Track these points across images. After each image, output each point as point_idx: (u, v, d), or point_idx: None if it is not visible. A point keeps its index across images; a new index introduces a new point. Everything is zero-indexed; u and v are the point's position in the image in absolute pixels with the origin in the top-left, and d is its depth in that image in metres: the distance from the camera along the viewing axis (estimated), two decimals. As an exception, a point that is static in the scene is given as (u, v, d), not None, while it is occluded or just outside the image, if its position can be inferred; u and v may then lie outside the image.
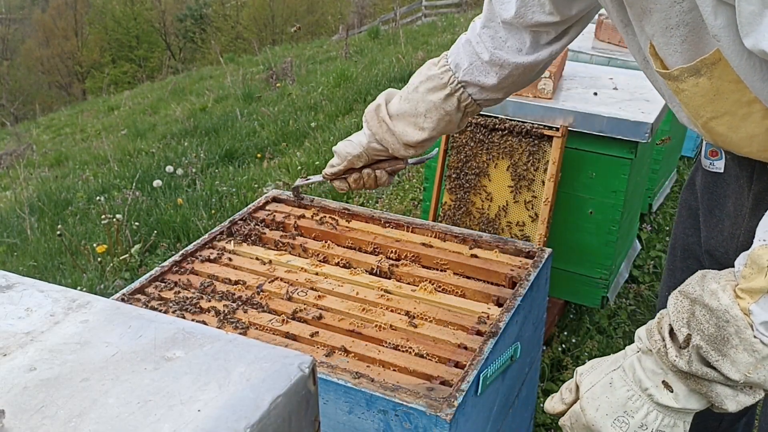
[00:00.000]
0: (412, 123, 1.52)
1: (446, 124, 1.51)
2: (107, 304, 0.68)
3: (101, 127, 9.24)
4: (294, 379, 0.57)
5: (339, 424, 1.24)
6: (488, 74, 1.42)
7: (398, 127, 1.53)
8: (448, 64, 1.47)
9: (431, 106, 1.49)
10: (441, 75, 1.47)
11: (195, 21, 30.59)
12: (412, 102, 1.51)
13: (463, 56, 1.44)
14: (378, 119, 1.57)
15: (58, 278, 3.58)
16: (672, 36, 1.00)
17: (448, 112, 1.49)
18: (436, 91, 1.48)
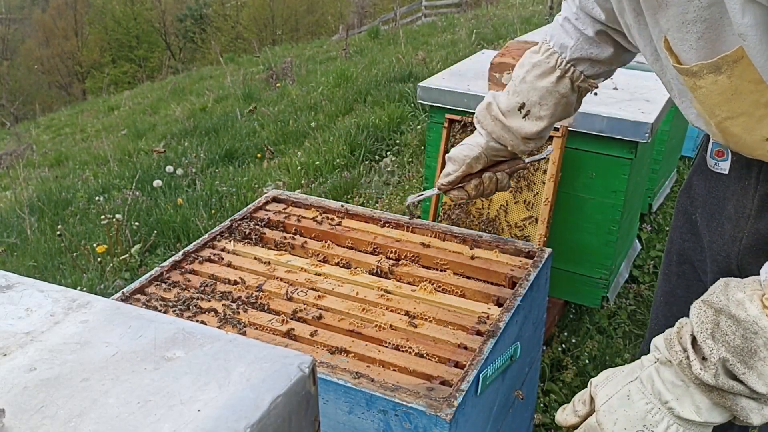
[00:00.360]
0: (527, 115, 1.46)
1: (564, 107, 1.45)
2: (107, 304, 0.68)
3: (101, 127, 9.24)
4: (294, 379, 0.57)
5: (339, 424, 1.24)
6: (598, 46, 1.37)
7: (514, 123, 1.47)
8: (552, 48, 1.41)
9: (544, 92, 1.42)
10: (547, 59, 1.41)
11: (195, 21, 30.59)
12: (522, 93, 1.45)
13: (565, 36, 1.39)
14: (491, 118, 1.50)
15: (58, 278, 3.58)
16: (688, 32, 0.97)
17: (564, 95, 1.43)
18: (546, 76, 1.41)
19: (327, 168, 4.63)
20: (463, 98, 2.35)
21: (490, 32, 8.88)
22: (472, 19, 11.52)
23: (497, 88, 2.32)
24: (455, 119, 2.34)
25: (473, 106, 2.33)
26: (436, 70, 5.54)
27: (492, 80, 2.33)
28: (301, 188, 4.36)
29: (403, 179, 4.35)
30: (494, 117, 1.49)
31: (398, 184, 4.30)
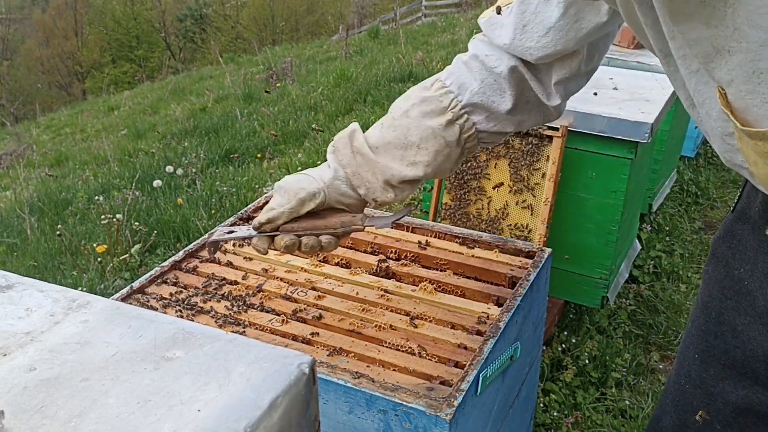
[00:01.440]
0: (399, 156, 1.20)
1: (443, 159, 1.22)
2: (107, 304, 0.68)
3: (101, 127, 9.24)
4: (294, 379, 0.57)
5: (339, 424, 1.24)
6: (503, 94, 1.20)
7: (382, 160, 1.21)
8: (448, 86, 1.22)
9: (429, 133, 1.19)
10: (440, 98, 1.21)
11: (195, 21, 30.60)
12: (401, 129, 1.20)
13: (468, 76, 1.21)
14: (352, 149, 1.22)
15: (58, 278, 3.58)
16: (761, 83, 0.80)
17: (449, 144, 1.21)
18: (435, 116, 1.20)
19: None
20: (463, 98, 2.35)
21: (490, 32, 8.85)
22: (472, 19, 11.52)
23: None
24: (455, 119, 2.34)
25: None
26: (436, 70, 5.53)
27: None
28: (301, 188, 4.35)
29: (403, 179, 4.34)
30: (356, 150, 1.22)
31: (398, 184, 4.30)
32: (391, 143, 1.20)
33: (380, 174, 1.21)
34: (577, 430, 2.24)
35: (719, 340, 1.14)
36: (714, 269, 1.18)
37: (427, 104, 1.21)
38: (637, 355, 2.56)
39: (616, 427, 2.25)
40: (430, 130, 1.19)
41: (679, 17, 0.82)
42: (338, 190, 1.23)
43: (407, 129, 1.20)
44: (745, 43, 0.78)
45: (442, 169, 1.24)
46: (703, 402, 1.18)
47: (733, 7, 0.76)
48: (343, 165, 1.23)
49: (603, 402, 2.36)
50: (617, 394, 2.38)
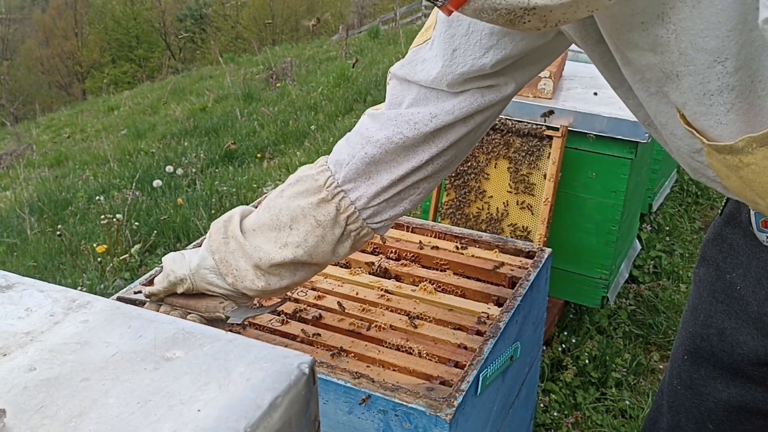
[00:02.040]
0: (273, 238, 1.13)
1: (317, 241, 1.12)
2: (107, 304, 0.68)
3: (101, 127, 9.24)
4: (294, 379, 0.57)
5: (339, 424, 1.24)
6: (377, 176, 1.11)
7: (254, 242, 1.13)
8: (327, 164, 1.15)
9: (298, 213, 1.12)
10: (316, 176, 1.14)
11: (195, 21, 30.61)
12: (274, 210, 1.14)
13: (346, 149, 1.13)
14: (225, 234, 1.14)
15: (58, 278, 3.58)
16: (713, 104, 0.81)
17: (321, 225, 1.12)
18: (308, 196, 1.13)
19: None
20: (463, 98, 2.35)
21: (490, 32, 8.85)
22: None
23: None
24: (455, 119, 2.34)
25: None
26: (436, 70, 5.53)
27: (492, 80, 2.33)
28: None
29: (403, 179, 4.34)
30: (229, 235, 1.14)
31: (398, 184, 4.30)
32: (265, 224, 1.14)
33: (249, 258, 1.13)
34: (577, 430, 2.24)
35: (706, 342, 1.15)
36: (705, 272, 1.17)
37: (302, 183, 1.15)
38: (637, 355, 2.56)
39: (616, 427, 2.25)
40: (300, 209, 1.12)
41: (627, 46, 0.83)
42: (205, 279, 1.16)
43: (279, 209, 1.14)
44: (692, 66, 0.79)
45: (318, 252, 1.14)
46: (693, 402, 1.19)
47: (675, 33, 0.77)
48: (213, 251, 1.15)
49: (603, 402, 2.36)
50: (617, 394, 2.38)
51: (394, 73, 1.12)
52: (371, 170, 1.11)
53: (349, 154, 1.12)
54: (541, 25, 0.73)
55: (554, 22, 0.73)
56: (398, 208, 1.16)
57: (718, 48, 0.76)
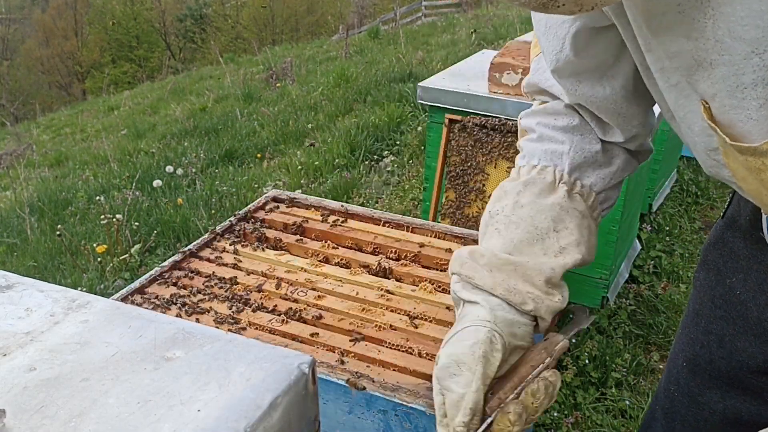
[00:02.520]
0: (541, 250, 0.98)
1: (589, 234, 1.01)
2: (107, 304, 0.68)
3: (101, 127, 9.25)
4: (294, 379, 0.57)
5: (339, 424, 1.24)
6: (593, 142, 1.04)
7: (532, 258, 0.97)
8: (537, 163, 1.03)
9: (558, 211, 0.98)
10: (539, 175, 1.02)
11: (195, 21, 30.62)
12: (523, 223, 0.98)
13: (549, 142, 1.04)
14: (487, 268, 0.96)
15: (58, 278, 3.58)
16: (745, 98, 0.75)
17: (584, 215, 1.01)
18: (550, 194, 1.00)
19: (327, 168, 4.63)
20: (463, 98, 2.35)
21: (490, 32, 8.89)
22: (472, 19, 11.53)
23: (497, 87, 2.32)
24: (455, 119, 2.34)
25: (473, 106, 2.33)
26: (436, 70, 5.54)
27: (492, 80, 2.33)
28: (301, 188, 4.36)
29: (403, 179, 4.35)
30: (493, 265, 0.97)
31: (398, 184, 4.30)
32: (523, 241, 0.97)
33: (536, 277, 0.97)
34: (577, 430, 2.24)
35: (705, 349, 1.12)
36: (705, 276, 1.14)
37: (533, 186, 1.01)
38: (637, 355, 2.56)
39: (616, 427, 2.25)
40: (558, 206, 0.99)
41: (658, 30, 0.78)
42: (506, 322, 0.94)
43: (531, 219, 0.98)
44: (727, 56, 0.74)
45: (592, 245, 1.03)
46: (690, 410, 1.17)
47: (713, 19, 0.72)
48: (490, 288, 0.95)
49: (603, 402, 2.36)
50: (617, 394, 2.38)
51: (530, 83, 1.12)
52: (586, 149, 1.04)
53: (556, 142, 1.03)
54: (576, 8, 0.70)
55: (590, 5, 0.69)
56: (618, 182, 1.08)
57: (757, 38, 0.71)
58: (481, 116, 2.30)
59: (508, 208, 1.00)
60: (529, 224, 0.98)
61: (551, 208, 0.98)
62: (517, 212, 0.99)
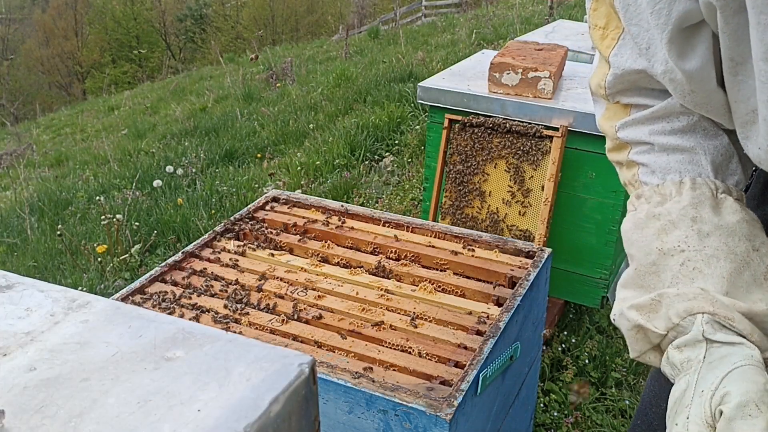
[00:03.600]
0: (752, 279, 0.83)
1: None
2: (107, 304, 0.68)
3: (101, 127, 9.25)
4: (294, 379, 0.57)
5: (339, 424, 1.24)
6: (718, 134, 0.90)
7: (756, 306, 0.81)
8: (682, 179, 0.88)
9: (747, 228, 0.85)
10: (699, 195, 0.86)
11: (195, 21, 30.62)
12: (722, 252, 0.83)
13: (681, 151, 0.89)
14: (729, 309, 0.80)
15: (58, 278, 3.58)
16: None
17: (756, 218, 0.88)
18: (721, 210, 0.86)
19: (327, 168, 4.63)
20: (463, 98, 2.35)
21: (490, 32, 8.88)
22: (472, 19, 11.52)
23: (497, 87, 2.32)
24: (455, 119, 2.34)
25: (473, 106, 2.33)
26: (436, 70, 5.54)
27: (492, 80, 2.33)
28: (301, 188, 4.36)
29: (403, 179, 4.35)
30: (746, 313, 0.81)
31: (398, 184, 4.30)
32: (732, 274, 0.83)
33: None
34: (577, 430, 2.24)
35: None
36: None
37: (702, 208, 0.86)
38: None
39: (616, 427, 2.25)
40: (744, 222, 0.85)
41: None
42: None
43: (726, 245, 0.84)
44: None
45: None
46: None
47: None
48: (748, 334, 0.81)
49: (603, 402, 2.36)
50: (617, 394, 2.38)
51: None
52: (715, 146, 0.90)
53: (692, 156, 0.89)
54: None
55: None
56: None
57: None
58: (481, 116, 2.30)
59: (694, 240, 0.85)
60: (729, 252, 0.84)
61: (740, 227, 0.85)
62: (707, 242, 0.84)
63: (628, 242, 0.90)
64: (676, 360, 0.80)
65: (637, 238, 0.88)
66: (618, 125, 0.92)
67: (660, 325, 0.82)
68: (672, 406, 0.79)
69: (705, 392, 0.75)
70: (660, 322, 0.82)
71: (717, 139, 0.89)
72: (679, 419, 0.75)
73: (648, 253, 0.86)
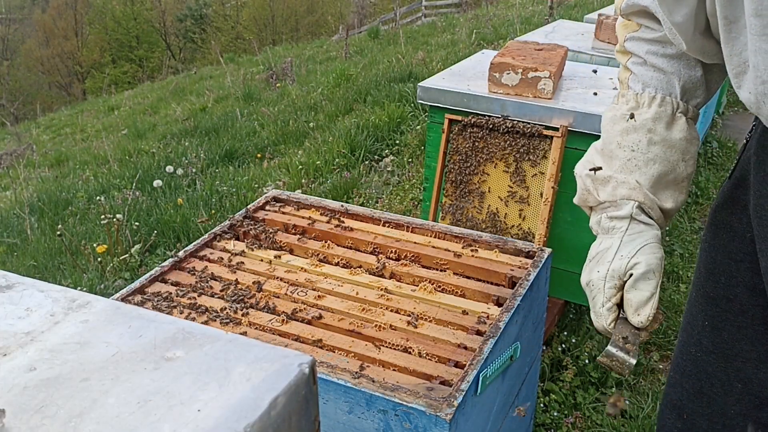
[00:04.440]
0: (672, 181, 1.14)
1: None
2: (107, 304, 0.68)
3: (101, 127, 9.25)
4: (294, 379, 0.57)
5: (339, 424, 1.24)
6: (696, 66, 1.12)
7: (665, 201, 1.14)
8: (655, 94, 1.13)
9: (685, 145, 1.13)
10: (661, 111, 1.13)
11: (195, 21, 30.62)
12: (659, 158, 1.12)
13: (664, 72, 1.13)
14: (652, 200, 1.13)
15: (58, 278, 3.58)
16: None
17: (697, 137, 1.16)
18: (674, 126, 1.13)
19: (327, 168, 4.63)
20: (463, 98, 2.35)
21: (490, 32, 8.88)
22: (472, 19, 11.52)
23: (497, 87, 2.32)
24: (455, 119, 2.34)
25: (473, 106, 2.33)
26: (436, 70, 5.53)
27: (492, 80, 2.33)
28: (301, 188, 4.36)
29: (403, 179, 4.35)
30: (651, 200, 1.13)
31: (398, 184, 4.30)
32: (661, 175, 1.13)
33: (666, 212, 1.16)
34: (577, 430, 2.24)
35: (733, 303, 1.14)
36: (715, 236, 1.18)
37: (659, 122, 1.12)
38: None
39: (616, 427, 2.25)
40: (685, 141, 1.13)
41: None
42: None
43: (664, 153, 1.12)
44: None
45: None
46: (719, 366, 1.18)
47: None
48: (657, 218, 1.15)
49: (603, 402, 2.36)
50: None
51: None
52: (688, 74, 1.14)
53: (669, 73, 1.13)
54: None
55: None
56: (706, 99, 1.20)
57: None
58: (481, 116, 2.30)
59: (644, 144, 1.12)
60: (664, 159, 1.12)
61: (680, 143, 1.12)
62: (652, 149, 1.12)
63: (603, 127, 1.18)
64: (606, 225, 1.12)
65: (609, 129, 1.16)
66: (627, 36, 1.16)
67: (603, 196, 1.13)
68: (594, 257, 1.12)
69: (624, 257, 1.07)
70: (603, 194, 1.13)
71: (693, 70, 1.12)
72: (601, 268, 1.08)
73: (610, 142, 1.15)
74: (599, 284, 1.08)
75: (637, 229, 1.10)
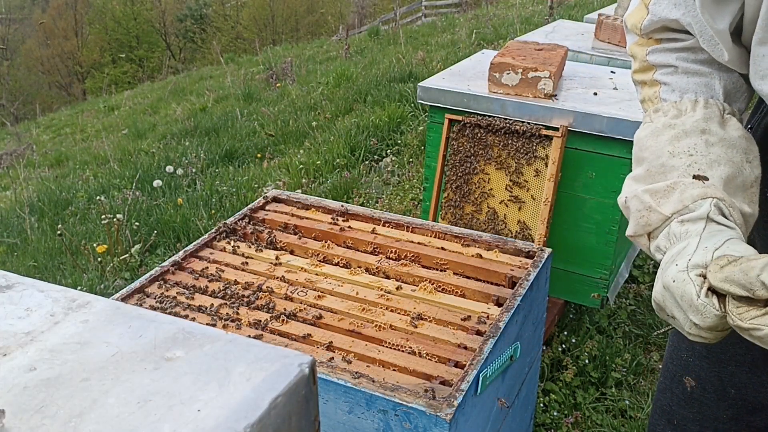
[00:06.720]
0: (741, 185, 0.98)
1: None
2: (107, 304, 0.68)
3: (101, 127, 9.25)
4: (294, 379, 0.57)
5: (339, 424, 1.24)
6: (731, 70, 1.04)
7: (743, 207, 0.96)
8: (696, 98, 1.03)
9: (746, 143, 1.00)
10: (709, 112, 1.01)
11: (195, 21, 30.62)
12: (723, 159, 0.98)
13: (699, 77, 1.04)
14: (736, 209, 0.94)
15: (58, 278, 3.58)
16: None
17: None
18: (726, 127, 1.00)
19: (327, 168, 4.63)
20: (463, 98, 2.35)
21: (490, 32, 8.88)
22: (472, 19, 11.52)
23: (497, 87, 2.32)
24: (455, 119, 2.34)
25: (473, 106, 2.33)
26: (436, 70, 5.53)
27: (492, 80, 2.33)
28: (301, 188, 4.36)
29: (403, 179, 4.34)
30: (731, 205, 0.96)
31: (398, 184, 4.30)
32: (729, 177, 0.97)
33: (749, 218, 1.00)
34: (577, 430, 2.24)
35: None
36: None
37: (711, 122, 1.00)
38: (637, 355, 2.56)
39: (616, 427, 2.25)
40: (744, 138, 1.00)
41: None
42: None
43: (726, 154, 0.98)
44: None
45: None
46: (713, 371, 1.16)
47: None
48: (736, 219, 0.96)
49: (603, 402, 2.36)
50: (617, 394, 2.38)
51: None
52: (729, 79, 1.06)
53: (705, 75, 1.04)
54: None
55: None
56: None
57: None
58: (481, 116, 2.30)
59: (701, 146, 0.98)
60: (728, 160, 0.98)
61: (739, 141, 0.99)
62: (712, 150, 0.98)
63: (641, 147, 1.03)
64: (676, 231, 0.92)
65: (652, 143, 1.01)
66: (649, 50, 1.07)
67: (667, 209, 0.94)
68: (669, 259, 0.90)
69: (709, 248, 0.86)
70: (668, 207, 0.94)
71: (731, 72, 1.03)
72: (680, 261, 0.86)
73: (659, 156, 0.99)
74: (682, 276, 0.85)
75: (716, 229, 0.91)
